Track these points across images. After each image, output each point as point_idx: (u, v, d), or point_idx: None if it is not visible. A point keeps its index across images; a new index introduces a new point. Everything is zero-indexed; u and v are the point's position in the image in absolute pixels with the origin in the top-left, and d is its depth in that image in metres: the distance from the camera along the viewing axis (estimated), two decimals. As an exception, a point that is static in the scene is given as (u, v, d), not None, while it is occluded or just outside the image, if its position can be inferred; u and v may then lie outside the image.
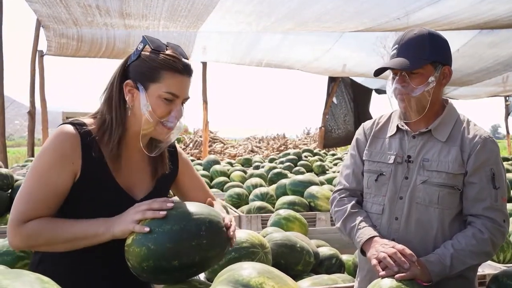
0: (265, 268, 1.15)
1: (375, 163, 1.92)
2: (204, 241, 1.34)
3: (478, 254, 1.71)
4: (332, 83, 15.27)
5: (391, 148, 1.89)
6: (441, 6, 6.59)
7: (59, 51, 9.68)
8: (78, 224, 1.44)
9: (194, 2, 6.88)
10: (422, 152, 1.83)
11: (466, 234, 1.72)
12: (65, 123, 1.51)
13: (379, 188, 1.88)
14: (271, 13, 7.51)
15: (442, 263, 1.66)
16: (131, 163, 1.59)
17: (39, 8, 7.31)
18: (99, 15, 7.48)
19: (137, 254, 1.35)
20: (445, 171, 1.76)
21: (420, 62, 1.74)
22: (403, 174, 1.84)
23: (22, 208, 1.43)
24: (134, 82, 1.50)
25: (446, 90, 15.99)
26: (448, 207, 1.77)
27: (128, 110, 1.52)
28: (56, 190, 1.45)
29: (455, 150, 1.78)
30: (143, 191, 1.61)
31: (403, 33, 1.83)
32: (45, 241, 1.43)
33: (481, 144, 1.77)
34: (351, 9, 7.14)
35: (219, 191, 5.63)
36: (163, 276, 1.38)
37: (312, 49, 10.79)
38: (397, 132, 1.91)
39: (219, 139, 18.58)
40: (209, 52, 10.89)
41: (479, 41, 9.46)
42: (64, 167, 1.45)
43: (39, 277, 0.91)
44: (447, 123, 1.85)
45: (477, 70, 11.72)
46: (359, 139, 2.04)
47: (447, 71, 1.81)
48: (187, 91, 1.53)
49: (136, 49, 1.53)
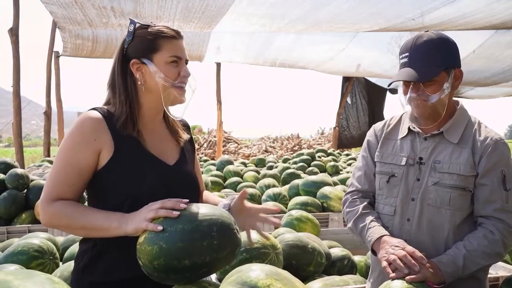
0: (273, 270, 1.16)
1: (386, 165, 1.91)
2: (215, 242, 1.35)
3: (490, 254, 1.71)
4: (346, 83, 15.22)
5: (403, 150, 1.89)
6: (456, 6, 6.52)
7: (74, 52, 9.80)
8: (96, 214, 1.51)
9: (208, 5, 6.92)
10: (433, 154, 1.82)
11: (477, 235, 1.71)
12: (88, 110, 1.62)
13: (390, 189, 1.88)
14: (284, 15, 7.52)
15: (455, 263, 1.65)
16: (156, 135, 1.70)
17: (55, 10, 7.41)
18: (114, 16, 7.55)
19: (149, 253, 1.36)
20: (457, 172, 1.76)
21: (434, 71, 1.72)
22: (415, 175, 1.83)
23: (49, 188, 1.55)
24: (138, 59, 1.61)
25: (462, 90, 15.84)
26: (460, 209, 1.77)
27: (141, 86, 1.62)
28: (79, 169, 1.55)
29: (466, 152, 1.78)
30: (173, 157, 1.70)
31: (411, 38, 1.79)
32: (65, 223, 1.53)
33: (493, 146, 1.76)
34: (365, 10, 7.11)
35: (232, 191, 5.64)
36: (174, 275, 1.39)
37: (326, 48, 10.77)
38: (408, 133, 1.90)
39: (233, 139, 18.62)
40: (223, 53, 10.93)
41: (495, 41, 9.33)
42: (85, 146, 1.55)
43: (50, 277, 0.92)
44: (458, 125, 1.84)
45: (494, 73, 11.55)
46: (370, 140, 2.03)
47: (459, 73, 1.80)
48: (185, 52, 1.67)
49: (128, 31, 1.63)
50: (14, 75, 7.50)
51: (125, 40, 1.64)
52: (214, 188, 5.39)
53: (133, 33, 1.62)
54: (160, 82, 1.59)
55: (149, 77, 1.61)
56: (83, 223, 1.50)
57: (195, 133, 24.98)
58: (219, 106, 12.42)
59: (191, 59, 11.26)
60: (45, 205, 1.53)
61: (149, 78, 1.61)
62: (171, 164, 1.67)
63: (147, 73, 1.61)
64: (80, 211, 1.52)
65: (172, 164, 1.67)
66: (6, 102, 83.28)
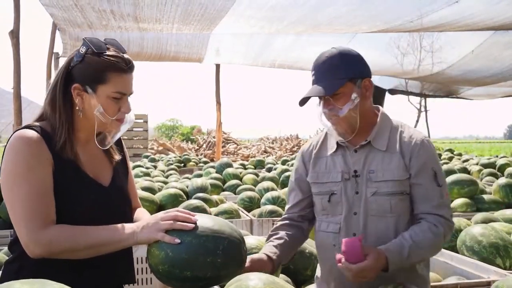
0: (270, 279, 1.20)
1: (324, 184, 1.92)
2: (219, 260, 1.41)
3: (433, 247, 1.79)
4: (345, 84, 15.22)
5: (336, 166, 1.90)
6: (455, 8, 6.54)
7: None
8: (99, 230, 1.50)
9: (207, 7, 6.95)
10: (366, 164, 1.85)
11: (423, 228, 1.76)
12: (20, 129, 1.56)
13: (334, 207, 1.89)
14: (284, 18, 7.55)
15: (400, 253, 1.68)
16: (91, 156, 1.66)
17: (55, 12, 7.44)
18: (114, 19, 7.59)
19: (156, 256, 1.45)
20: (392, 179, 1.80)
21: (337, 83, 1.77)
22: (353, 189, 1.85)
23: (31, 216, 1.45)
24: (81, 85, 1.55)
25: (460, 90, 15.84)
26: (402, 213, 1.82)
27: (79, 112, 1.58)
28: (48, 187, 1.50)
29: (396, 157, 1.82)
30: (107, 177, 1.68)
31: (318, 57, 1.87)
32: (68, 246, 1.46)
33: (419, 146, 1.82)
34: (364, 12, 7.14)
35: (232, 194, 5.67)
36: (174, 282, 1.46)
37: (325, 49, 10.74)
38: (338, 148, 1.92)
39: (232, 140, 18.64)
40: (222, 54, 10.94)
41: (494, 41, 9.33)
42: (43, 164, 1.50)
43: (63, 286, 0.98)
44: (383, 131, 1.88)
45: (493, 73, 11.56)
46: (298, 166, 2.04)
47: (368, 83, 1.85)
48: (131, 86, 1.61)
49: (79, 51, 1.57)
50: (14, 77, 7.52)
51: (72, 58, 1.58)
52: (213, 191, 5.42)
53: (83, 56, 1.55)
54: (97, 115, 1.55)
55: (88, 105, 1.57)
56: (89, 242, 1.47)
57: (194, 133, 24.94)
58: (218, 107, 12.46)
59: (191, 60, 11.29)
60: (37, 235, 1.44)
61: (87, 107, 1.57)
62: (106, 185, 1.66)
63: (87, 101, 1.56)
64: (81, 230, 1.49)
65: (107, 185, 1.67)
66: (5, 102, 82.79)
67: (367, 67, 1.87)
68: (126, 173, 1.82)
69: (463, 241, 2.77)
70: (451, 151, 14.96)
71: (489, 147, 39.10)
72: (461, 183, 4.72)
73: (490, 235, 2.69)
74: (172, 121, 44.35)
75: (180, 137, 26.22)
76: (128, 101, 1.61)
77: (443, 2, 6.29)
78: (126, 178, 1.81)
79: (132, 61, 1.61)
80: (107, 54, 1.55)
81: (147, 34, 8.88)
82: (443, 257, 2.77)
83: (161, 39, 9.42)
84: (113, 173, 1.72)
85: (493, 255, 2.61)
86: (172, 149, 16.85)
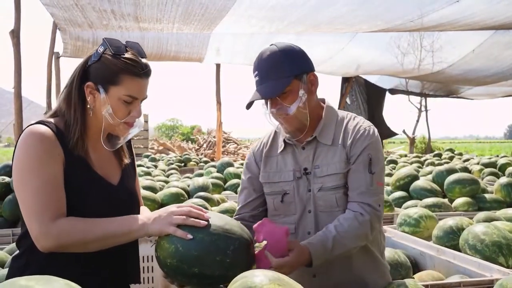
0: (275, 275, 1.19)
1: (275, 184, 1.87)
2: (228, 260, 1.41)
3: (360, 236, 1.72)
4: (345, 84, 15.23)
5: (287, 165, 1.86)
6: (456, 8, 6.54)
7: (75, 53, 9.82)
8: (109, 221, 1.50)
9: (208, 7, 6.96)
10: (314, 161, 1.82)
11: (348, 217, 1.71)
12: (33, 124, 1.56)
13: (287, 207, 1.85)
14: (284, 17, 7.56)
15: (324, 246, 1.65)
16: (100, 154, 1.67)
17: (56, 12, 7.44)
18: (114, 19, 7.59)
19: (166, 250, 1.44)
20: (335, 172, 1.77)
21: (283, 82, 1.71)
22: (306, 187, 1.82)
23: (41, 209, 1.46)
24: (95, 84, 1.56)
25: (460, 90, 15.84)
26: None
27: (90, 110, 1.59)
28: (59, 182, 1.51)
29: (339, 149, 1.79)
30: (116, 176, 1.69)
31: (258, 56, 1.78)
32: (78, 238, 1.47)
33: (361, 133, 1.79)
34: (364, 12, 7.14)
35: (233, 193, 5.66)
36: (181, 277, 1.46)
37: (325, 48, 10.79)
38: (286, 146, 1.88)
39: (232, 140, 18.63)
40: (222, 54, 10.94)
41: (495, 41, 9.35)
42: (54, 159, 1.51)
43: (68, 282, 0.98)
44: (329, 125, 1.84)
45: (494, 73, 11.56)
46: (249, 163, 1.99)
47: (313, 77, 1.80)
48: (145, 92, 1.61)
49: (97, 51, 1.58)
50: (15, 77, 7.52)
51: (90, 57, 1.59)
52: (214, 190, 5.42)
53: (100, 55, 1.56)
54: (106, 116, 1.56)
55: (98, 105, 1.57)
56: (98, 233, 1.47)
57: (195, 133, 24.92)
58: (218, 106, 12.45)
59: (191, 60, 11.29)
60: (47, 227, 1.45)
61: (98, 106, 1.58)
62: (115, 184, 1.67)
63: (98, 100, 1.57)
64: (91, 222, 1.49)
65: (116, 183, 1.68)
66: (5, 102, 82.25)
67: (310, 61, 1.81)
68: (134, 173, 1.82)
69: (465, 239, 2.77)
70: (452, 151, 14.98)
71: (490, 147, 39.16)
72: (463, 182, 4.70)
73: (493, 234, 2.68)
74: (172, 121, 44.39)
75: (180, 137, 26.23)
76: (139, 105, 1.62)
77: (444, 1, 6.29)
78: (134, 178, 1.81)
79: (150, 66, 1.61)
80: (124, 57, 1.55)
81: (148, 34, 8.88)
82: (446, 255, 2.77)
83: (162, 39, 9.42)
84: (122, 173, 1.73)
85: (496, 254, 2.60)
86: (173, 148, 16.86)
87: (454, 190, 4.68)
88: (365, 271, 1.83)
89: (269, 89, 1.71)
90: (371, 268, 1.86)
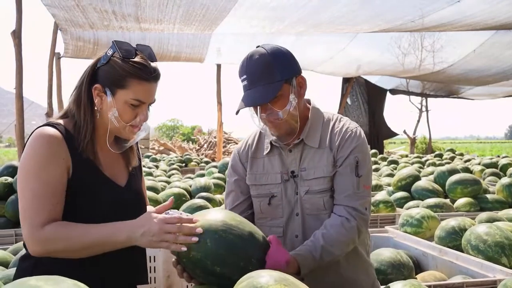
0: (281, 276, 1.20)
1: (263, 186, 1.83)
2: (250, 268, 1.39)
3: (346, 243, 1.70)
4: (346, 84, 15.24)
5: (274, 167, 1.83)
6: (456, 8, 6.55)
7: (75, 53, 9.84)
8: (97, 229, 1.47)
9: (209, 8, 6.97)
10: (301, 163, 1.79)
11: (335, 223, 1.68)
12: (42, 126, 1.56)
13: (274, 210, 1.82)
14: (285, 18, 7.57)
15: (313, 256, 1.62)
16: (108, 155, 1.66)
17: (57, 12, 7.45)
18: (115, 19, 7.60)
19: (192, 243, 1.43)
20: (322, 175, 1.74)
21: (275, 87, 1.65)
22: (293, 190, 1.79)
23: (32, 214, 1.46)
24: (102, 86, 1.56)
25: (461, 90, 15.84)
26: None
27: (97, 112, 1.59)
28: (58, 187, 1.50)
29: (326, 152, 1.76)
30: (123, 177, 1.69)
31: (245, 59, 1.71)
32: (64, 246, 1.46)
33: (348, 135, 1.76)
34: (365, 12, 7.15)
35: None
36: (199, 271, 1.46)
37: (326, 48, 10.81)
38: (272, 148, 1.85)
39: (233, 140, 18.64)
40: (223, 54, 10.95)
41: (496, 41, 9.36)
42: (58, 163, 1.50)
43: (76, 283, 0.99)
44: (315, 127, 1.81)
45: (495, 72, 11.57)
46: (234, 165, 1.94)
47: (301, 80, 1.76)
48: (153, 96, 1.61)
49: (106, 53, 1.58)
50: (16, 78, 7.52)
51: (99, 59, 1.59)
52: (216, 190, 5.42)
53: (109, 58, 1.56)
54: (112, 119, 1.56)
55: (105, 107, 1.57)
56: (83, 242, 1.45)
57: (195, 133, 24.93)
58: (219, 107, 12.45)
59: (192, 60, 11.29)
60: (34, 233, 1.45)
61: (105, 108, 1.57)
62: (122, 185, 1.67)
63: (105, 103, 1.57)
64: (77, 229, 1.47)
65: (124, 185, 1.67)
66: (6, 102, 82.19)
67: (298, 64, 1.75)
68: (140, 174, 1.83)
69: (468, 240, 2.77)
70: (453, 151, 14.98)
71: (491, 147, 39.11)
72: (464, 183, 4.71)
73: (495, 234, 2.68)
74: (172, 121, 44.36)
75: (181, 137, 26.23)
76: (146, 109, 1.61)
77: (445, 1, 6.31)
78: (140, 179, 1.82)
79: (159, 70, 1.61)
80: (132, 60, 1.55)
81: (148, 34, 8.90)
82: (448, 256, 2.77)
83: (162, 39, 9.43)
84: (129, 174, 1.73)
85: (499, 254, 2.60)
86: (173, 149, 16.87)
87: (456, 191, 4.69)
88: (352, 271, 1.82)
89: (260, 94, 1.65)
90: (358, 268, 1.85)
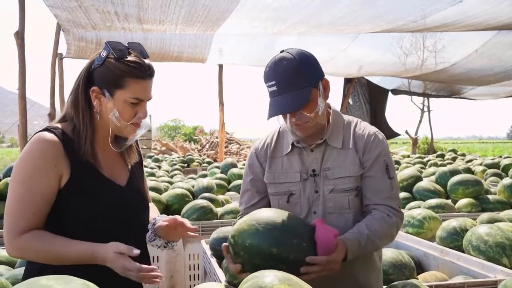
0: (285, 276, 1.22)
1: (281, 184, 1.88)
2: (304, 244, 1.54)
3: (387, 236, 1.81)
4: (348, 84, 15.24)
5: (293, 166, 1.88)
6: (458, 8, 6.55)
7: (78, 54, 9.85)
8: (65, 247, 1.49)
9: (211, 9, 6.99)
10: (323, 163, 1.84)
11: (376, 217, 1.77)
12: (42, 131, 1.58)
13: (292, 208, 1.85)
14: (287, 18, 7.58)
15: (359, 242, 1.69)
16: (107, 157, 1.68)
17: (59, 13, 7.48)
18: (117, 20, 7.62)
19: (245, 231, 1.56)
20: (348, 175, 1.81)
21: (305, 93, 1.69)
22: (313, 188, 1.84)
23: (13, 219, 1.48)
24: (100, 88, 1.58)
25: (463, 90, 15.83)
26: (360, 209, 1.85)
27: (97, 114, 1.61)
28: (45, 196, 1.52)
29: (350, 153, 1.83)
30: (124, 177, 1.72)
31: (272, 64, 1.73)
32: (34, 257, 1.51)
33: (372, 139, 1.84)
34: (367, 13, 7.15)
35: (237, 194, 5.68)
36: (258, 259, 1.53)
37: (327, 49, 10.81)
38: (293, 148, 1.89)
39: (235, 140, 18.66)
40: (225, 55, 10.97)
41: (498, 41, 9.35)
42: (48, 171, 1.51)
43: (85, 282, 1.01)
44: (338, 128, 1.88)
45: (497, 72, 11.57)
46: (251, 164, 1.98)
47: (325, 82, 1.81)
48: (150, 92, 1.63)
49: (100, 55, 1.59)
50: (20, 78, 7.54)
51: (93, 61, 1.60)
52: (218, 191, 5.44)
53: (103, 59, 1.57)
54: (112, 119, 1.58)
55: (105, 108, 1.59)
56: (52, 256, 1.49)
57: (197, 133, 24.96)
58: (221, 107, 12.46)
59: (194, 61, 11.31)
60: (11, 239, 1.48)
61: (104, 109, 1.60)
62: (123, 185, 1.69)
63: (104, 104, 1.59)
64: (49, 243, 1.50)
65: (124, 184, 1.69)
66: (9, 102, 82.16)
67: (320, 66, 1.80)
68: (141, 173, 1.84)
69: (469, 240, 2.78)
70: (455, 151, 14.98)
71: (493, 147, 39.06)
72: (466, 183, 4.71)
73: (496, 235, 2.70)
74: (174, 121, 44.43)
75: (183, 137, 26.27)
76: (145, 106, 1.63)
77: (447, 2, 6.31)
78: (142, 179, 1.83)
79: (153, 67, 1.63)
80: (127, 60, 1.57)
81: (151, 35, 8.92)
82: (449, 256, 2.78)
83: (165, 39, 9.45)
84: (129, 174, 1.74)
85: (500, 255, 2.61)
86: (175, 149, 16.89)
87: (458, 191, 4.69)
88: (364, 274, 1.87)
89: (291, 101, 1.69)
90: (370, 270, 1.90)
